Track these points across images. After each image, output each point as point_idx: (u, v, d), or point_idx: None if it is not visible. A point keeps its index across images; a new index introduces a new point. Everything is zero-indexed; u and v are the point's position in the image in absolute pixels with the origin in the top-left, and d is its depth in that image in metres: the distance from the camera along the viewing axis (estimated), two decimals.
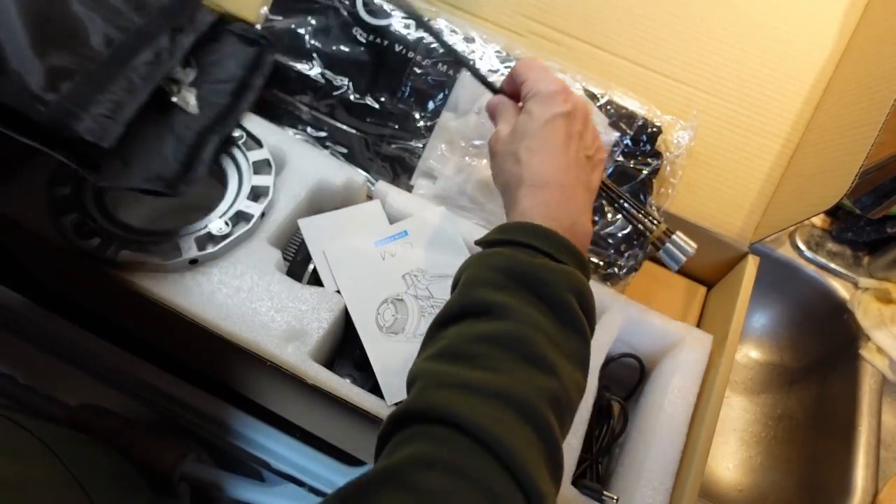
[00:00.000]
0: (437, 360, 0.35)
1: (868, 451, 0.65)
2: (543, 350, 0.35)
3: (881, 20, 0.63)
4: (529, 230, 0.40)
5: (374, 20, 0.63)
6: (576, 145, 0.44)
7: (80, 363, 0.63)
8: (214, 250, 0.51)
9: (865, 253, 0.77)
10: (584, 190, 0.44)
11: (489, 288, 0.37)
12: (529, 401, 0.32)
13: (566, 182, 0.42)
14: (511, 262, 0.38)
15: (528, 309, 0.36)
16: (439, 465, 0.29)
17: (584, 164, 0.44)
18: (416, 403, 0.33)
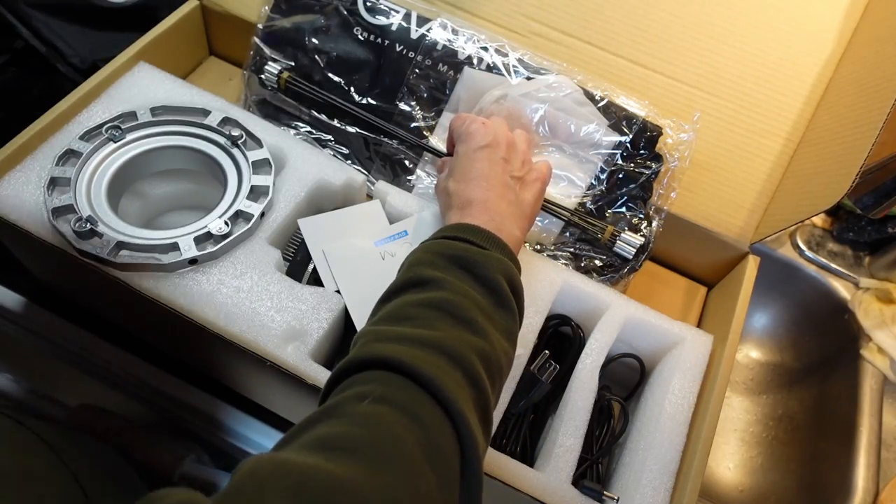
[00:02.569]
0: (376, 323, 0.39)
1: (869, 451, 0.65)
2: (475, 315, 0.38)
3: (882, 20, 0.63)
4: (461, 227, 0.45)
5: (375, 19, 0.63)
6: (500, 168, 0.49)
7: (80, 363, 0.63)
8: (214, 250, 0.51)
9: (866, 253, 0.77)
10: (510, 205, 0.48)
11: (428, 266, 0.41)
12: (461, 351, 0.35)
13: (489, 199, 0.47)
14: (447, 247, 0.42)
15: (462, 284, 0.40)
16: (371, 397, 0.32)
17: (509, 185, 0.49)
18: (354, 357, 0.35)
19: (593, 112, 0.60)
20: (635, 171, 0.60)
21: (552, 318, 0.57)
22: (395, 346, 0.34)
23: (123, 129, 0.56)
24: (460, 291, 0.39)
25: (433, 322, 0.37)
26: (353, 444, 0.29)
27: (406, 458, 0.29)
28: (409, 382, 0.32)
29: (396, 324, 0.37)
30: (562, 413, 0.51)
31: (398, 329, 0.36)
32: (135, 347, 0.62)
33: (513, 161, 0.50)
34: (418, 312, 0.38)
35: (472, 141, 0.50)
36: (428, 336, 0.35)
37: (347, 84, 0.63)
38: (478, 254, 0.42)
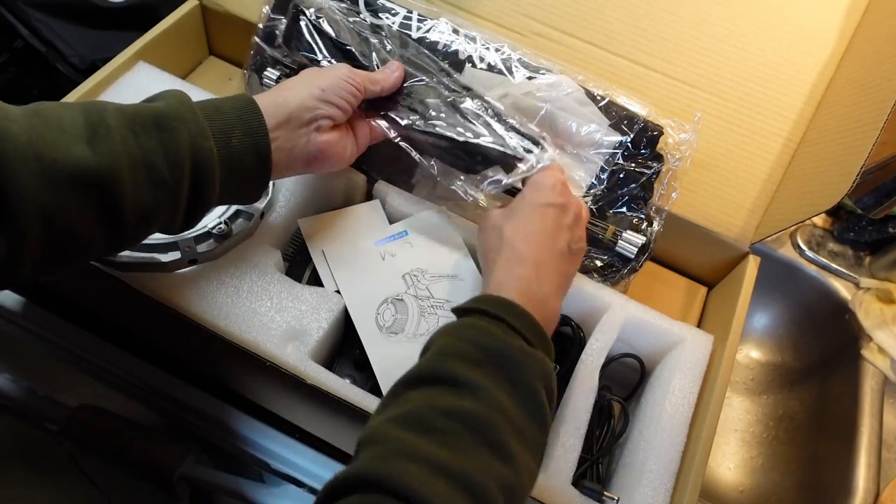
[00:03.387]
0: (400, 425, 0.34)
1: (869, 451, 0.65)
2: (506, 437, 0.35)
3: (882, 20, 0.63)
4: (506, 306, 0.40)
5: (376, 19, 0.62)
6: (564, 236, 0.46)
7: (80, 363, 0.63)
8: (214, 250, 0.51)
9: (867, 253, 0.77)
10: (559, 276, 0.46)
11: (462, 361, 0.37)
12: (486, 489, 0.32)
13: (543, 262, 0.44)
14: (486, 337, 0.38)
15: (497, 391, 0.36)
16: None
17: (565, 254, 0.46)
18: (375, 470, 0.31)
19: (594, 112, 0.60)
20: (636, 170, 0.60)
21: None
22: (417, 471, 0.31)
23: None
24: (495, 404, 0.35)
25: (460, 442, 0.33)
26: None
27: None
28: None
29: (421, 433, 0.33)
30: (562, 413, 0.51)
31: (424, 446, 0.33)
32: (135, 347, 0.62)
33: (575, 231, 0.48)
34: (446, 425, 0.34)
35: (546, 192, 0.48)
36: (455, 464, 0.32)
37: None
38: (519, 352, 0.38)
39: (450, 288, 0.54)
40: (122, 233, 0.39)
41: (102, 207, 0.37)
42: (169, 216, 0.41)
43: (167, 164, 0.39)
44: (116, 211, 0.38)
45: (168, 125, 0.39)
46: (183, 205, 0.41)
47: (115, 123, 0.38)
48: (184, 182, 0.40)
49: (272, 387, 0.56)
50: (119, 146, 0.37)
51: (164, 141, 0.39)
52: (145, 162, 0.38)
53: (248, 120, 0.43)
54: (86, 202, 0.36)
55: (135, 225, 0.39)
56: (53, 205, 0.35)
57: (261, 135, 0.43)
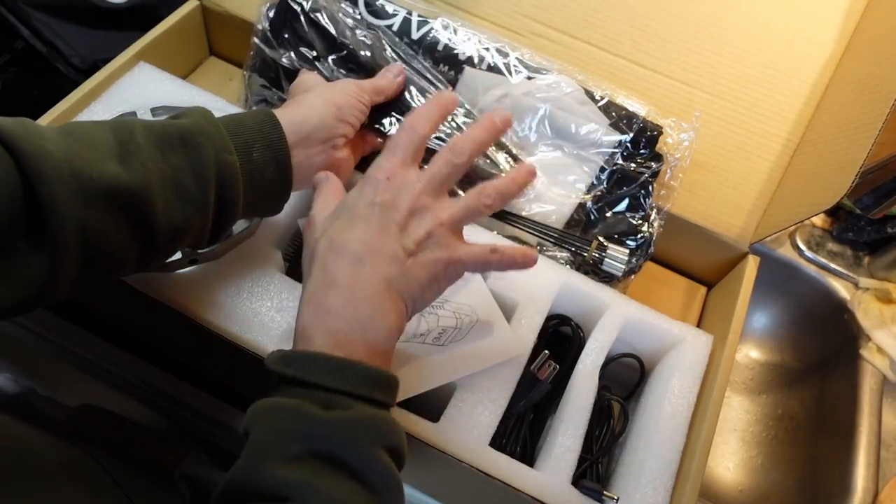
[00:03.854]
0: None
1: (868, 451, 0.65)
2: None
3: (881, 20, 0.63)
4: (319, 365, 0.34)
5: (377, 20, 0.62)
6: (392, 237, 0.38)
7: (80, 363, 0.63)
8: (214, 250, 0.51)
9: (866, 253, 0.77)
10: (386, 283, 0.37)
11: (282, 462, 0.31)
12: None
13: (360, 279, 0.37)
14: (301, 420, 0.32)
15: (331, 483, 0.31)
16: None
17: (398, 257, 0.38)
18: None
19: (594, 111, 0.60)
20: (636, 170, 0.60)
21: (552, 318, 0.57)
22: None
23: None
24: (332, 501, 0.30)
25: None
26: None
27: None
28: None
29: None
30: (562, 413, 0.51)
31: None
32: (135, 347, 0.62)
33: (412, 230, 0.39)
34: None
35: (367, 189, 0.39)
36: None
37: None
38: (342, 426, 0.32)
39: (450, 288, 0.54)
40: (154, 249, 0.39)
41: (136, 223, 0.37)
42: (198, 231, 0.41)
43: (194, 180, 0.39)
44: (149, 227, 0.38)
45: (193, 141, 0.40)
46: (210, 219, 0.41)
47: (144, 141, 0.38)
48: (210, 196, 0.40)
49: None
50: (149, 163, 0.38)
51: (191, 157, 0.39)
52: (174, 178, 0.39)
53: (268, 133, 0.44)
54: (120, 219, 0.37)
55: (167, 241, 0.39)
56: (90, 221, 0.35)
57: (280, 147, 0.44)
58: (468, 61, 0.61)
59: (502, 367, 0.51)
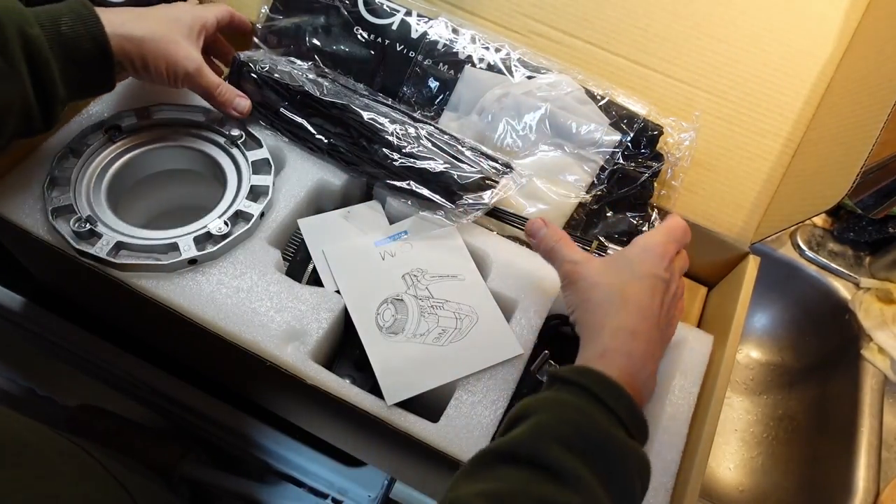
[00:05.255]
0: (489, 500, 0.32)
1: (869, 451, 0.65)
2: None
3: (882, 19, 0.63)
4: (612, 389, 0.38)
5: (376, 19, 0.62)
6: (665, 313, 0.44)
7: (80, 363, 0.63)
8: (213, 250, 0.51)
9: (867, 253, 0.77)
10: (658, 355, 0.44)
11: (563, 448, 0.35)
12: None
13: (651, 339, 0.42)
14: (589, 424, 0.36)
15: (596, 488, 0.34)
16: None
17: (664, 332, 0.44)
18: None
19: (594, 111, 0.60)
20: (636, 170, 0.60)
21: (552, 318, 0.57)
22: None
23: (123, 129, 0.56)
24: (593, 500, 0.33)
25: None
26: None
27: None
28: None
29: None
30: None
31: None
32: (134, 348, 0.62)
33: (675, 300, 0.46)
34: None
35: (655, 263, 0.44)
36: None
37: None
38: (622, 447, 0.36)
39: (450, 288, 0.54)
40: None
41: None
42: (21, 111, 0.43)
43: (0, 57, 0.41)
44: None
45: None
46: (31, 97, 0.43)
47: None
48: (22, 71, 0.42)
49: (272, 387, 0.56)
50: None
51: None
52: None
53: (78, 10, 0.45)
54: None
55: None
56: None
57: (92, 21, 0.45)
58: (468, 60, 0.61)
59: (502, 367, 0.51)
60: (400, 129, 0.56)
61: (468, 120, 0.61)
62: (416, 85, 0.62)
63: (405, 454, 0.52)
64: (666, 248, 0.45)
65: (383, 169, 0.56)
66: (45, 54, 0.43)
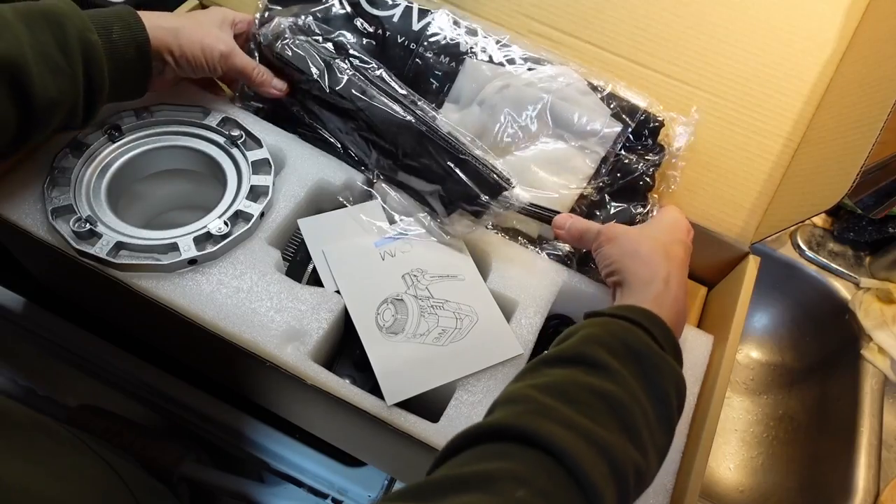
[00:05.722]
0: (541, 391, 0.35)
1: (869, 451, 0.65)
2: (640, 426, 0.36)
3: (883, 20, 0.63)
4: (655, 321, 0.42)
5: (377, 10, 0.62)
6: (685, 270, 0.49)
7: (80, 363, 0.63)
8: (213, 250, 0.51)
9: (867, 253, 0.77)
10: (685, 297, 0.47)
11: (605, 349, 0.38)
12: (623, 464, 0.33)
13: (681, 285, 0.47)
14: (631, 336, 0.40)
15: (635, 385, 0.37)
16: (533, 487, 0.30)
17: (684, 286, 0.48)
18: (514, 423, 0.33)
19: (596, 102, 0.60)
20: (637, 161, 0.59)
21: (552, 318, 0.57)
22: (563, 431, 0.32)
23: (123, 129, 0.56)
24: (632, 393, 0.37)
25: (601, 417, 0.34)
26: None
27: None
28: (572, 484, 0.31)
29: (564, 403, 0.34)
30: None
31: (566, 411, 0.34)
32: (135, 348, 0.62)
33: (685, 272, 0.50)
34: (588, 399, 0.35)
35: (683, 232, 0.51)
36: (597, 434, 0.33)
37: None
38: (658, 357, 0.39)
39: (450, 288, 0.54)
40: (33, 120, 0.44)
41: (15, 90, 0.42)
42: (71, 106, 0.46)
43: (62, 56, 0.44)
44: (27, 96, 0.42)
45: (57, 19, 0.44)
46: (81, 95, 0.46)
47: (12, 18, 0.42)
48: (79, 71, 0.45)
49: (272, 387, 0.56)
50: (21, 36, 0.42)
51: (55, 34, 0.44)
52: (42, 51, 0.43)
53: (126, 18, 0.48)
54: (1, 87, 0.41)
55: (44, 112, 0.44)
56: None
57: (138, 29, 0.48)
58: (469, 53, 0.61)
59: (502, 367, 0.51)
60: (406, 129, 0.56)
61: (469, 111, 0.61)
62: (416, 76, 0.61)
63: (405, 454, 0.52)
64: (686, 223, 0.52)
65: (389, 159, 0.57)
66: (100, 58, 0.46)
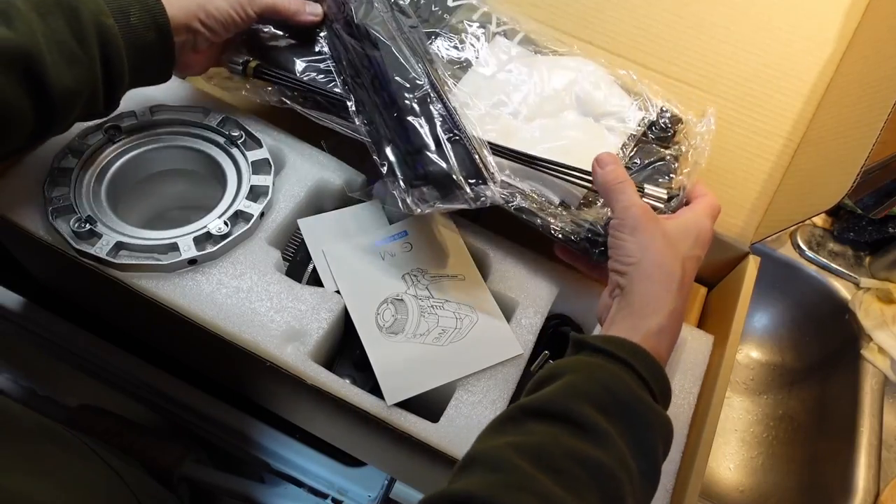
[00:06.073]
0: (521, 455, 0.33)
1: (869, 451, 0.65)
2: (625, 494, 0.34)
3: (882, 20, 0.63)
4: (648, 361, 0.39)
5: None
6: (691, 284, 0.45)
7: (80, 363, 0.63)
8: (213, 250, 0.51)
9: (867, 253, 0.77)
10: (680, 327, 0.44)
11: (593, 406, 0.35)
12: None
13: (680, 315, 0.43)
14: (620, 386, 0.37)
15: (622, 446, 0.35)
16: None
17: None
18: (493, 498, 0.30)
19: (619, 90, 0.59)
20: (658, 150, 0.58)
21: (552, 318, 0.57)
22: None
23: (123, 129, 0.56)
24: (619, 457, 0.34)
25: (583, 490, 0.32)
26: None
27: None
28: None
29: (544, 471, 0.32)
30: None
31: (545, 482, 0.32)
32: (135, 348, 0.62)
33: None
34: (571, 467, 0.33)
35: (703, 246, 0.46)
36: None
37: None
38: (648, 409, 0.37)
39: (450, 288, 0.54)
40: (51, 111, 0.42)
41: (30, 82, 0.40)
42: (90, 95, 0.44)
43: (77, 43, 0.42)
44: (43, 86, 0.41)
45: (70, 5, 0.42)
46: (100, 83, 0.45)
47: (23, 7, 0.41)
48: (95, 58, 0.43)
49: (272, 387, 0.56)
50: (33, 25, 0.40)
51: (69, 20, 0.42)
52: (56, 40, 0.41)
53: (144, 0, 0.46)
54: (14, 77, 0.40)
55: (62, 103, 0.42)
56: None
57: (158, 11, 0.46)
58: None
59: (502, 367, 0.51)
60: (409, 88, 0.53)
61: (494, 78, 0.60)
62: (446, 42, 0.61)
63: (405, 454, 0.52)
64: (712, 233, 0.47)
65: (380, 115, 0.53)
66: (117, 44, 0.44)
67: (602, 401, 0.36)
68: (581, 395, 0.36)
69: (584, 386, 0.36)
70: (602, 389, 0.36)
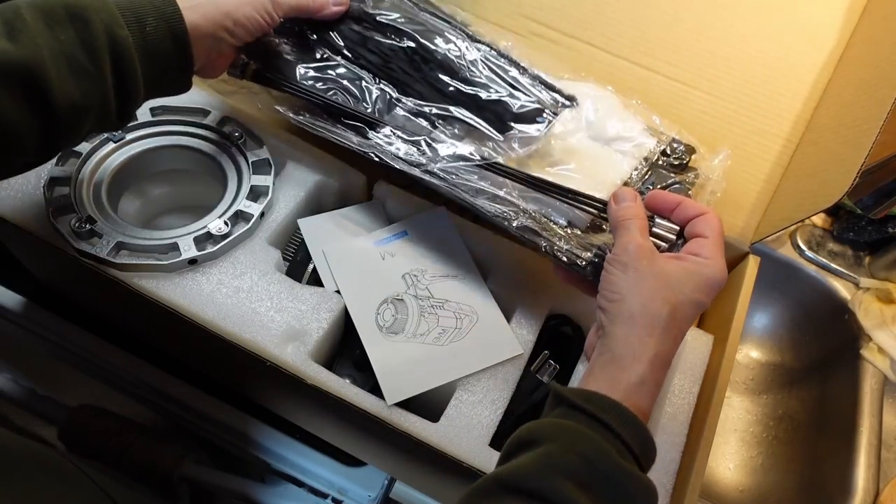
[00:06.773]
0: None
1: (869, 451, 0.65)
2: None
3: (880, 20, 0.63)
4: (629, 421, 0.36)
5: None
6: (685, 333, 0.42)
7: (80, 363, 0.63)
8: (213, 250, 0.51)
9: (866, 253, 0.77)
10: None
11: (572, 481, 0.33)
12: None
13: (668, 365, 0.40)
14: (600, 455, 0.35)
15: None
16: None
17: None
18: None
19: (630, 115, 0.59)
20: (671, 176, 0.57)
21: (552, 318, 0.57)
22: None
23: (123, 129, 0.56)
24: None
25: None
26: None
27: None
28: None
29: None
30: None
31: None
32: (135, 347, 0.62)
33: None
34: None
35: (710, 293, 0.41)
36: None
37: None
38: (628, 479, 0.35)
39: (450, 288, 0.54)
40: (56, 126, 0.40)
41: (32, 99, 0.38)
42: (101, 109, 0.42)
43: (86, 55, 0.40)
44: (46, 102, 0.39)
45: (81, 16, 0.40)
46: (112, 96, 0.42)
47: (31, 18, 0.39)
48: (106, 71, 0.41)
49: (272, 387, 0.56)
50: (38, 39, 0.38)
51: (79, 32, 0.40)
52: (64, 53, 0.39)
53: (163, 8, 0.44)
54: (15, 94, 0.38)
55: (69, 118, 0.40)
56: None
57: (175, 19, 0.44)
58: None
59: (502, 367, 0.51)
60: (455, 50, 0.53)
61: None
62: None
63: (405, 454, 0.52)
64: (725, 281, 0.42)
65: (436, 91, 0.53)
66: (130, 55, 0.42)
67: (581, 475, 0.34)
68: (560, 469, 0.34)
69: (562, 457, 0.34)
70: (581, 461, 0.34)
